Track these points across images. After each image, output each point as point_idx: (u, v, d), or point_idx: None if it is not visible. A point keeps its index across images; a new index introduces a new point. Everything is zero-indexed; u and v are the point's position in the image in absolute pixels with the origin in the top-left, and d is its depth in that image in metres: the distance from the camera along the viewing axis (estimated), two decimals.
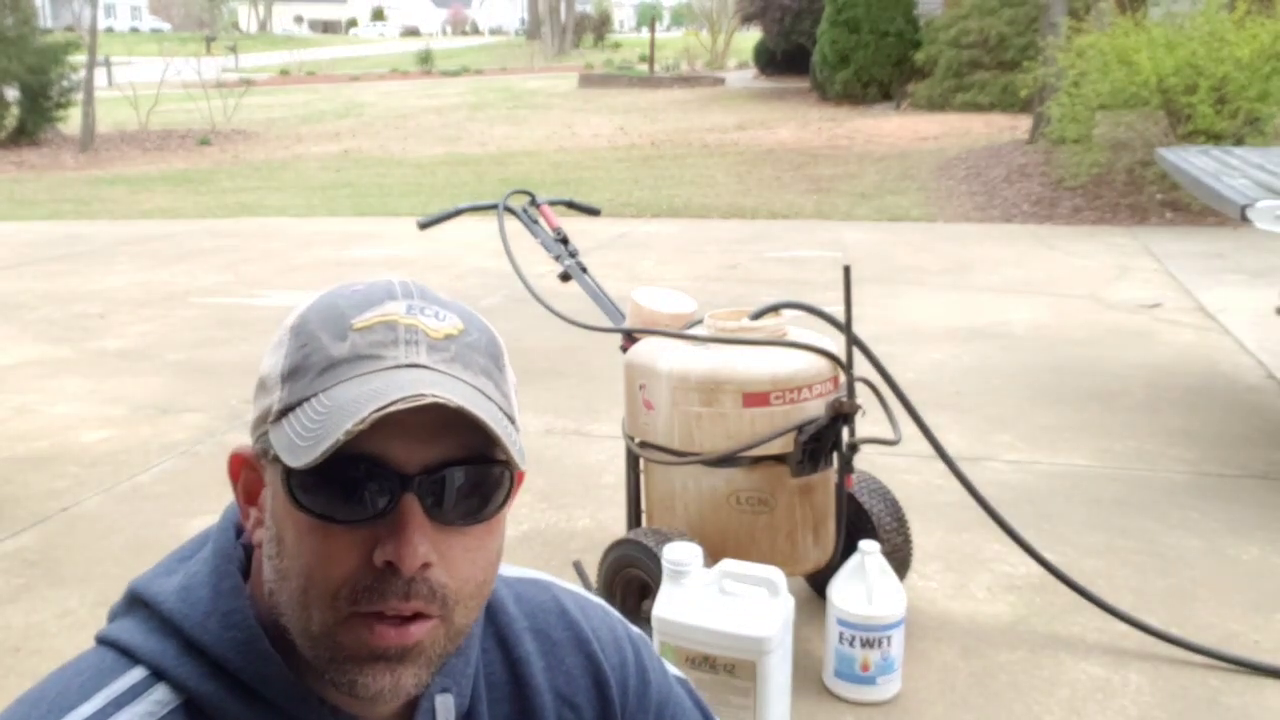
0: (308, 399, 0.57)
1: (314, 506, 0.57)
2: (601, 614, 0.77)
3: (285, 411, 0.58)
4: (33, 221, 8.08)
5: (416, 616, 0.57)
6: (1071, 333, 4.18)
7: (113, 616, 0.65)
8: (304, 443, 0.55)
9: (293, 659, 0.60)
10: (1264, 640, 1.98)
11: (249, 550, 0.65)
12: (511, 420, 0.61)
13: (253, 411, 0.62)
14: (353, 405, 0.55)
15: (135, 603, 0.63)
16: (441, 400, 0.55)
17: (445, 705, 0.67)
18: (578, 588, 0.79)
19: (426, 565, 0.57)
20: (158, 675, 0.59)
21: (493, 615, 0.72)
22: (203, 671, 0.59)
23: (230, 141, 13.52)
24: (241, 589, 0.62)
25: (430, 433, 0.57)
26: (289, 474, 0.56)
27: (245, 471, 0.63)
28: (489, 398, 0.59)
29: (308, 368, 0.58)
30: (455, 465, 0.58)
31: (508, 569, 0.74)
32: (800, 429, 1.83)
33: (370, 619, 0.57)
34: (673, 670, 0.82)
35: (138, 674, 0.59)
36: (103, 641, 0.62)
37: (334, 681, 0.59)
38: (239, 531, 0.66)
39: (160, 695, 0.59)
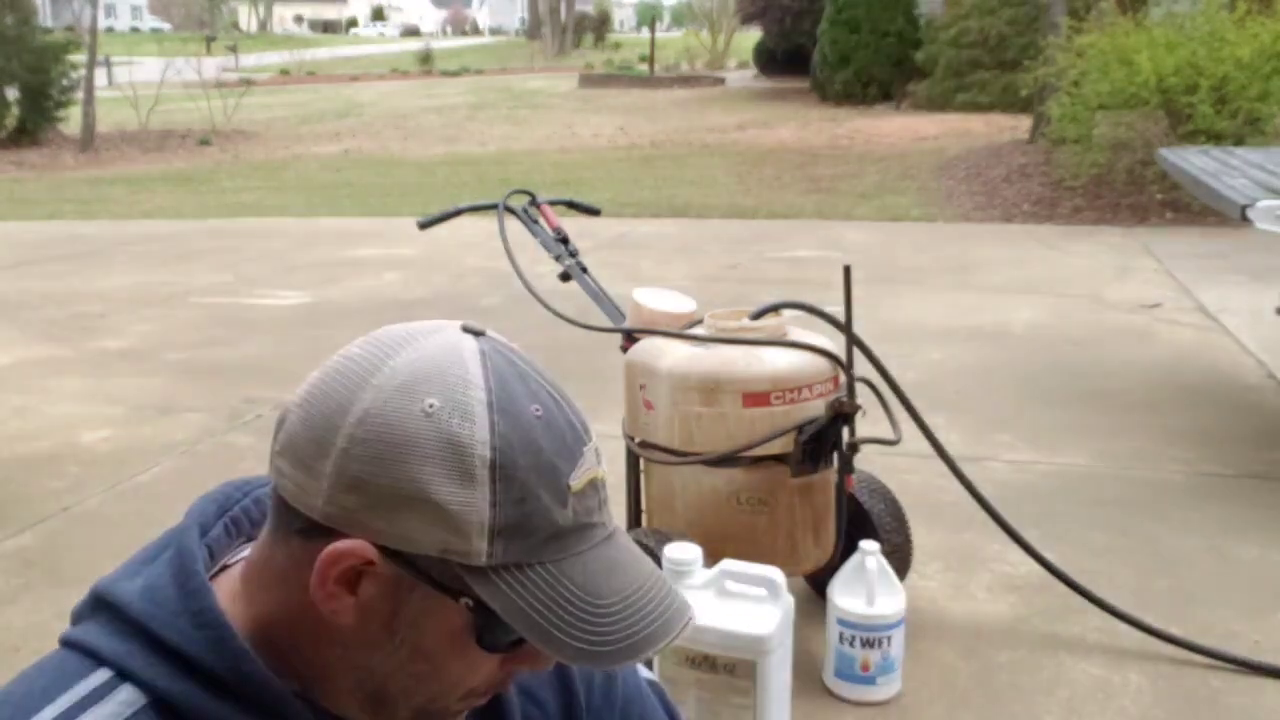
0: (531, 565, 0.57)
1: (499, 648, 0.60)
2: None
3: (499, 569, 0.56)
4: (33, 221, 8.09)
5: None
6: (1071, 332, 4.18)
7: (77, 618, 0.64)
8: (577, 643, 0.56)
9: (270, 660, 0.60)
10: (1264, 640, 1.98)
11: (211, 549, 0.65)
12: None
13: (396, 522, 0.56)
14: (634, 617, 0.58)
15: (100, 605, 0.63)
16: (677, 635, 0.60)
17: None
18: None
19: None
20: (123, 676, 0.59)
21: None
22: (172, 671, 0.59)
23: (230, 141, 13.53)
24: (208, 588, 0.61)
25: None
26: (489, 626, 0.58)
27: (354, 567, 0.57)
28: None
29: (531, 530, 0.56)
30: None
31: None
32: (800, 429, 1.83)
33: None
34: (646, 674, 0.83)
35: (102, 675, 0.59)
36: (66, 644, 0.62)
37: (379, 715, 0.63)
38: (202, 532, 0.65)
39: (126, 696, 0.58)
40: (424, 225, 2.41)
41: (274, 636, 0.61)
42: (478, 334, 0.61)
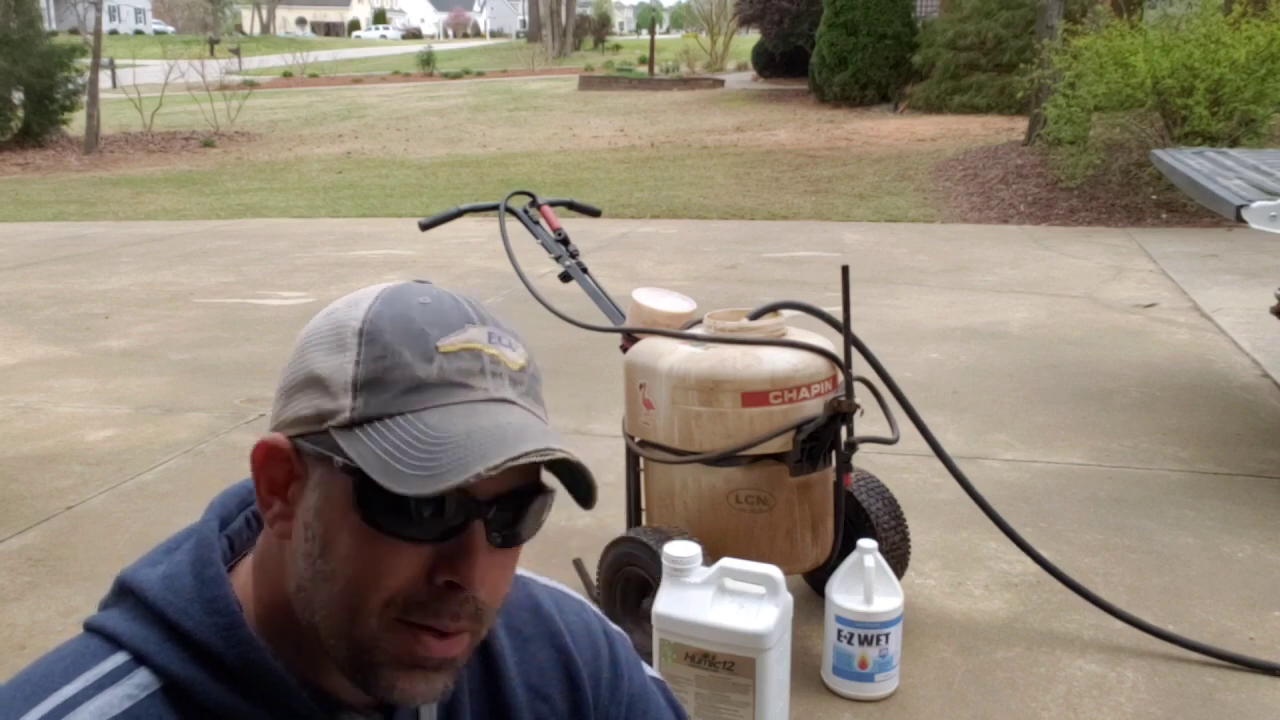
0: (392, 416, 0.58)
1: (385, 524, 0.58)
2: (577, 608, 0.80)
3: (361, 422, 0.58)
4: (38, 222, 8.10)
5: (460, 632, 0.60)
6: (1068, 332, 4.20)
7: (103, 606, 0.66)
8: (411, 470, 0.55)
9: (279, 646, 0.62)
10: (1259, 637, 1.99)
11: (232, 541, 0.67)
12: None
13: (292, 405, 0.61)
14: (473, 444, 0.56)
15: (122, 592, 0.65)
16: (567, 458, 0.58)
17: None
18: (558, 584, 0.81)
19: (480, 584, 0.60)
20: (139, 660, 0.60)
21: None
22: (184, 656, 0.60)
23: (233, 143, 13.54)
24: (224, 577, 0.63)
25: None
26: (363, 489, 0.57)
27: (274, 463, 0.62)
28: (566, 449, 0.61)
29: (389, 383, 0.58)
30: (523, 494, 0.61)
31: None
32: (799, 428, 1.84)
33: (417, 630, 0.59)
34: (650, 671, 0.84)
35: (119, 658, 0.60)
36: (88, 629, 0.63)
37: (365, 683, 0.60)
38: (223, 524, 0.68)
39: (141, 679, 0.60)
40: (425, 226, 2.42)
41: (277, 617, 0.63)
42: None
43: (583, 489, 0.62)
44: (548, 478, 0.63)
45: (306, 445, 0.60)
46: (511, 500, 0.60)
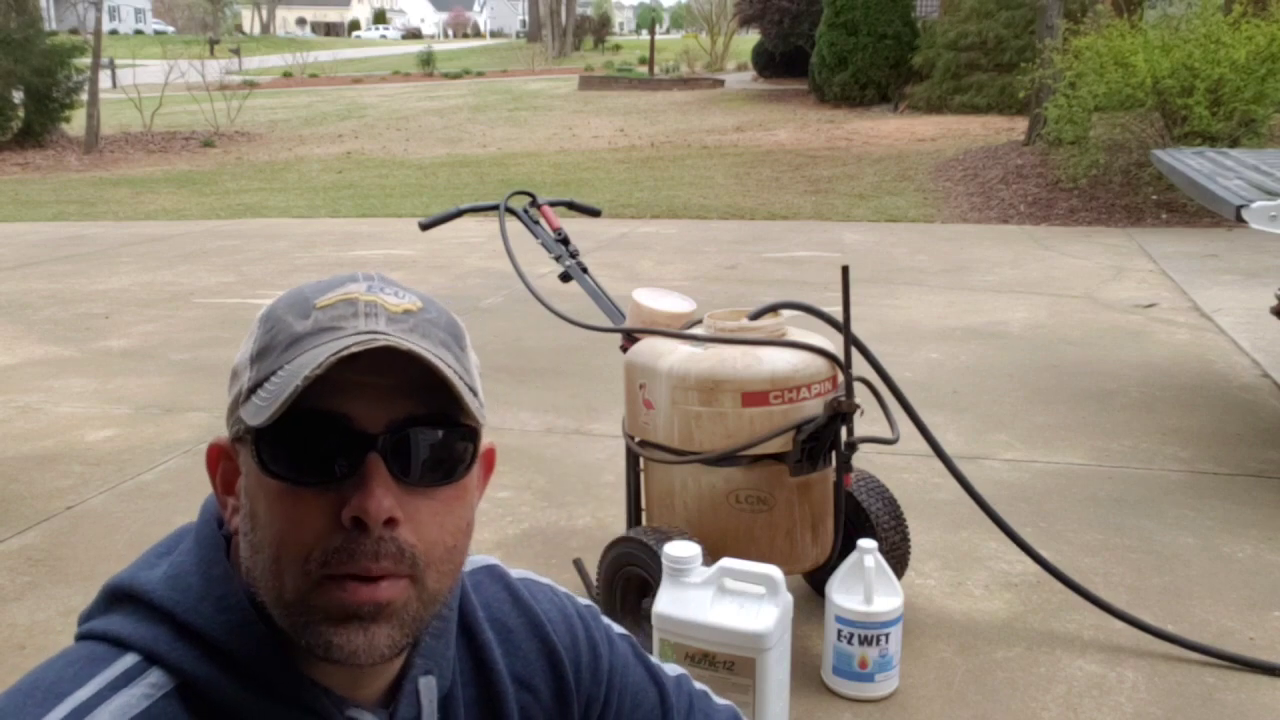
0: (274, 372, 0.59)
1: (281, 471, 0.58)
2: (549, 594, 0.81)
3: (254, 389, 0.60)
4: (38, 222, 8.10)
5: (386, 576, 0.59)
6: (1068, 332, 4.20)
7: (87, 617, 0.65)
8: (264, 403, 0.58)
9: (281, 640, 0.62)
10: (1259, 637, 1.99)
11: (229, 541, 0.67)
12: (473, 391, 0.62)
13: (228, 406, 0.64)
14: (310, 359, 0.57)
15: (117, 599, 0.64)
16: (394, 344, 0.57)
17: (428, 686, 0.69)
18: (522, 570, 0.82)
19: (393, 522, 0.58)
20: (151, 660, 0.60)
21: (459, 604, 0.74)
22: (197, 654, 0.60)
23: (233, 143, 13.54)
24: (231, 575, 0.63)
25: (393, 393, 0.59)
26: (257, 441, 0.59)
27: (223, 462, 0.65)
28: (448, 365, 0.60)
29: (273, 346, 0.61)
30: (418, 424, 0.60)
31: None
32: (799, 428, 1.84)
33: (342, 579, 0.58)
34: (616, 629, 0.84)
35: (130, 659, 0.60)
36: (88, 636, 0.62)
37: (309, 645, 0.59)
38: (220, 524, 0.68)
39: (155, 678, 0.60)
40: (425, 226, 2.42)
41: (264, 613, 0.62)
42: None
43: (451, 403, 0.60)
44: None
45: (233, 434, 0.62)
46: (402, 429, 0.59)
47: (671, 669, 0.87)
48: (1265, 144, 6.73)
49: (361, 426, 0.58)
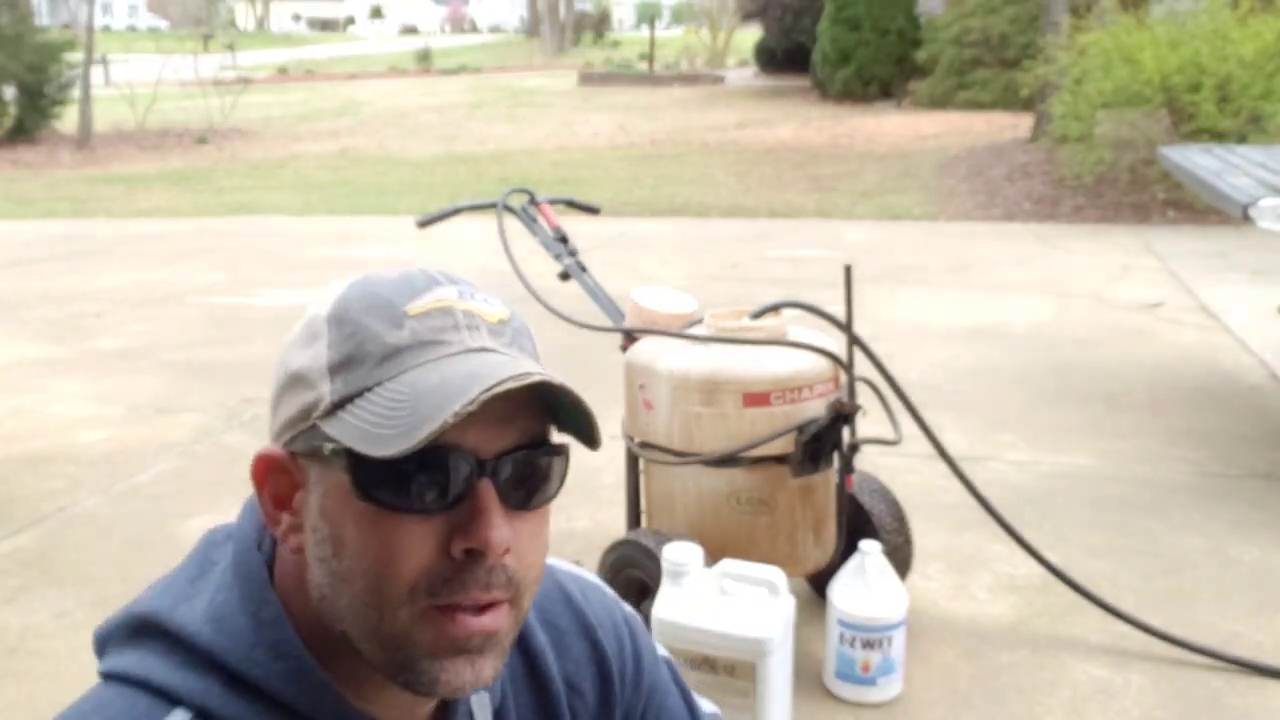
0: (370, 388, 0.55)
1: (386, 499, 0.55)
2: (599, 596, 0.78)
3: (342, 403, 0.56)
4: (29, 220, 8.07)
5: (492, 604, 0.56)
6: (1073, 332, 4.17)
7: (106, 641, 0.60)
8: (392, 430, 0.53)
9: (334, 674, 0.59)
10: (1266, 641, 1.97)
11: (269, 563, 0.62)
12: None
13: (280, 411, 0.59)
14: (448, 389, 0.53)
15: (149, 631, 0.59)
16: (546, 380, 0.55)
17: (481, 702, 0.66)
18: (576, 568, 0.80)
19: (505, 551, 0.56)
20: (203, 716, 0.56)
21: None
22: (256, 709, 0.56)
23: (228, 140, 13.50)
24: (284, 617, 0.58)
25: (501, 418, 0.56)
26: (357, 467, 0.54)
27: (274, 475, 0.59)
28: (577, 393, 0.59)
29: (363, 356, 0.56)
30: (526, 448, 0.58)
31: None
32: (801, 429, 1.82)
33: (450, 611, 0.55)
34: (661, 652, 0.83)
35: (180, 716, 0.55)
36: (122, 678, 0.58)
37: (409, 681, 0.56)
38: (257, 543, 0.63)
39: None
40: (423, 224, 2.40)
41: (313, 640, 0.59)
42: None
43: (584, 426, 0.59)
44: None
45: (300, 446, 0.57)
46: (518, 456, 0.57)
47: (707, 706, 0.85)
48: (1273, 141, 6.68)
49: (475, 453, 0.55)
